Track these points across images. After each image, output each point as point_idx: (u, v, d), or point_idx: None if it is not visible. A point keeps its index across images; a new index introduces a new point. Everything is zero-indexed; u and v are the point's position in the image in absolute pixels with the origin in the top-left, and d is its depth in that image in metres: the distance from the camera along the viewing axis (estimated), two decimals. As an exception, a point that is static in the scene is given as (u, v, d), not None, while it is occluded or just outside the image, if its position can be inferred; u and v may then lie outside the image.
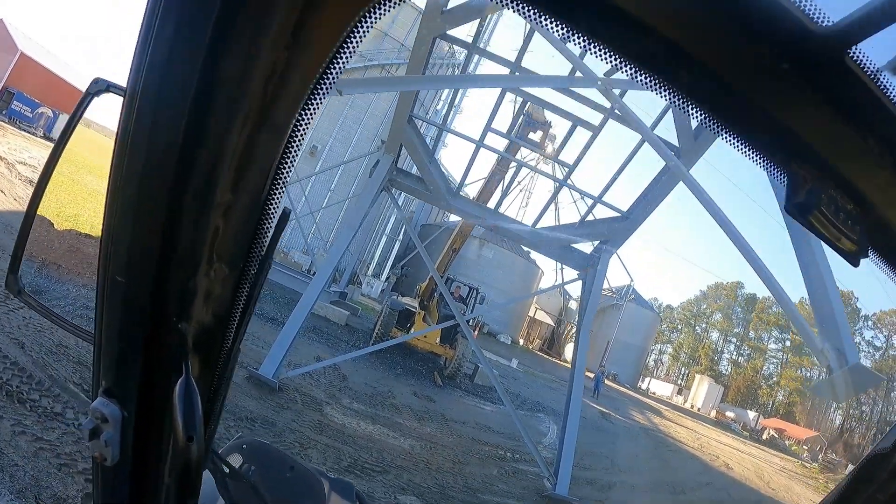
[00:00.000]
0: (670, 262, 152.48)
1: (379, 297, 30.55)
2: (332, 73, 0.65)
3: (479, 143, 11.40)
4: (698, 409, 56.23)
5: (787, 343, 72.34)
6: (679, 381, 71.65)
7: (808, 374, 69.19)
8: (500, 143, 12.91)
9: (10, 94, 35.95)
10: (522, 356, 33.53)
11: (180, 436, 0.76)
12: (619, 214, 11.40)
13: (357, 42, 0.63)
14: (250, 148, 0.68)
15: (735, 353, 77.06)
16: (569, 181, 12.18)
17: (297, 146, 0.72)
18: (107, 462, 0.85)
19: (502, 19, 19.76)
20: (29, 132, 33.42)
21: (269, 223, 0.77)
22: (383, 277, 34.13)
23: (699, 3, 0.51)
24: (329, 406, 9.68)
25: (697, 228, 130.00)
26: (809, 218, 0.59)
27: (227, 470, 1.24)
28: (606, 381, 35.40)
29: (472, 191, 16.64)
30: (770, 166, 0.63)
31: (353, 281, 31.84)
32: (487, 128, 11.22)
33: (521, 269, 47.10)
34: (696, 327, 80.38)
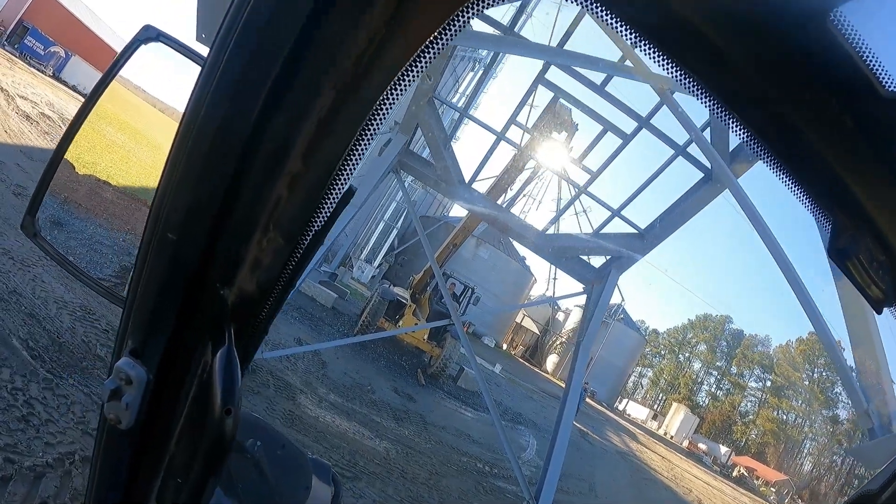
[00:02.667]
0: (662, 287, 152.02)
1: (369, 283, 29.85)
2: (427, 55, 0.64)
3: (501, 136, 10.67)
4: (671, 437, 56.10)
5: (769, 383, 72.33)
6: (655, 407, 71.55)
7: (786, 416, 69.20)
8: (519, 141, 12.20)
9: (25, 29, 35.72)
10: (505, 362, 32.94)
11: (217, 407, 0.71)
12: (634, 231, 10.71)
13: (459, 28, 0.61)
14: (332, 119, 0.67)
15: (715, 386, 77.04)
16: (587, 190, 11.47)
17: (378, 123, 0.69)
18: (121, 425, 0.80)
19: (541, 6, 18.79)
20: (38, 69, 32.91)
21: (332, 198, 0.74)
22: (376, 263, 33.41)
23: (774, 45, 0.53)
24: (304, 395, 8.94)
25: (694, 255, 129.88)
26: (847, 263, 0.62)
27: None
28: (586, 399, 34.85)
29: (481, 189, 15.92)
30: (816, 210, 0.64)
31: (345, 263, 31.18)
32: (511, 120, 10.51)
33: (514, 274, 46.60)
34: (680, 355, 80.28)
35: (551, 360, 56.92)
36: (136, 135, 26.97)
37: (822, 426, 66.48)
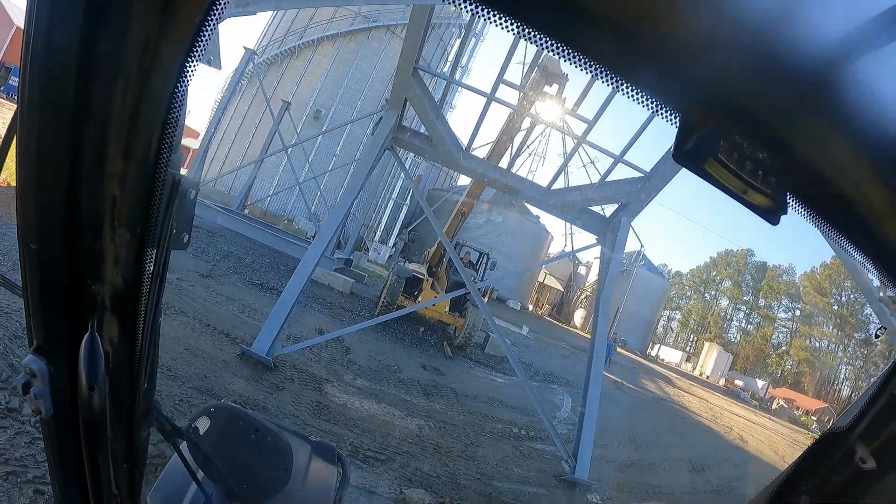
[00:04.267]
0: (680, 227, 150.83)
1: (386, 264, 29.89)
2: (201, 42, 0.65)
3: (491, 97, 10.43)
4: (707, 377, 55.99)
5: (798, 312, 71.73)
6: (688, 348, 71.44)
7: (818, 344, 68.70)
8: (512, 101, 11.94)
9: (7, 70, 35.97)
10: (532, 322, 32.92)
11: (83, 387, 0.84)
12: (640, 175, 10.49)
13: (221, 11, 0.63)
14: (133, 119, 0.70)
15: (744, 320, 76.61)
16: (587, 138, 11.21)
17: (176, 115, 0.72)
18: (42, 414, 0.89)
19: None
20: (28, 109, 33.00)
21: (162, 191, 0.78)
22: (390, 243, 33.42)
23: None
24: (330, 384, 8.94)
25: (707, 192, 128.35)
26: (703, 166, 0.52)
27: (169, 428, 1.22)
28: (617, 349, 34.81)
29: (480, 154, 15.74)
30: (659, 106, 0.53)
31: (360, 247, 31.20)
32: (499, 79, 10.25)
33: (530, 234, 46.37)
34: (706, 294, 79.80)
35: (578, 315, 56.95)
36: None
37: (855, 349, 65.91)
